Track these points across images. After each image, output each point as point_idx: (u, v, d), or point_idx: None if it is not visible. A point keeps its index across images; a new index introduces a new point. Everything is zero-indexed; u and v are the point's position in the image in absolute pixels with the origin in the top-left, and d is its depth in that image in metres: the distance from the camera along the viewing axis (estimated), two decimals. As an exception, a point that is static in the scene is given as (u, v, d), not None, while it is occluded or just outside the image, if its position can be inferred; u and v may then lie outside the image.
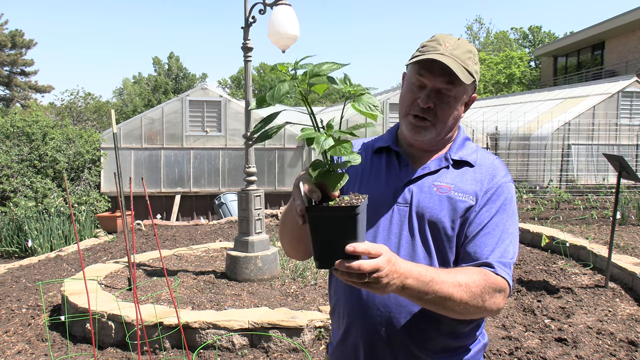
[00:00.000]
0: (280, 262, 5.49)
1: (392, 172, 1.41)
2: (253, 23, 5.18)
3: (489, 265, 1.27)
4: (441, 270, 1.21)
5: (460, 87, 1.33)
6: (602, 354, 3.50)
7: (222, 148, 10.83)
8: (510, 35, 38.11)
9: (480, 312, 1.24)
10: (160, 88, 39.84)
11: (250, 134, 1.14)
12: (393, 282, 1.08)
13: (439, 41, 1.34)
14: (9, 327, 4.21)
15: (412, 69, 1.37)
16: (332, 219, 1.02)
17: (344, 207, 1.02)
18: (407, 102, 1.38)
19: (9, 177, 8.97)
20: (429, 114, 1.35)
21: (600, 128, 12.24)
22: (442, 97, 1.34)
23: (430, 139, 1.38)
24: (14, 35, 29.78)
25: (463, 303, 1.19)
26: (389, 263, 1.06)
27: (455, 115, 1.38)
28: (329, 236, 1.02)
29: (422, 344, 1.32)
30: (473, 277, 1.22)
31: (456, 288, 1.18)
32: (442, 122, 1.36)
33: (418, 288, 1.14)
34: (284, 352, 3.63)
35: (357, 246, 1.01)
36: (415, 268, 1.15)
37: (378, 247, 1.06)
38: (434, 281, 1.15)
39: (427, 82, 1.33)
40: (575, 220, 8.43)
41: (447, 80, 1.31)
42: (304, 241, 1.37)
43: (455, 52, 1.31)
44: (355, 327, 1.36)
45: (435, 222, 1.32)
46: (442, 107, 1.34)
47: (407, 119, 1.38)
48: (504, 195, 1.35)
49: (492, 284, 1.24)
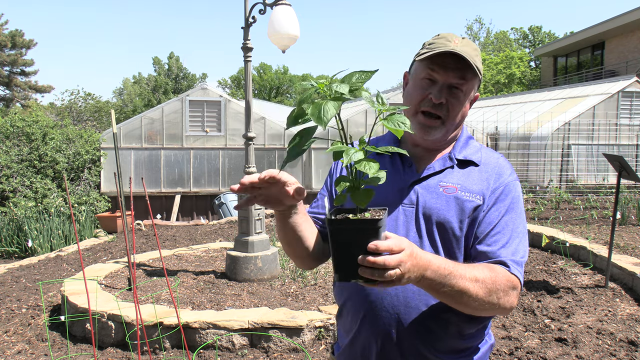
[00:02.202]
0: (280, 262, 5.50)
1: (396, 173, 1.40)
2: (253, 23, 5.18)
3: (504, 263, 1.27)
4: (460, 265, 1.21)
5: (471, 83, 1.34)
6: (602, 354, 3.49)
7: (222, 148, 10.83)
8: (510, 35, 38.11)
9: (494, 309, 1.24)
10: (160, 88, 39.84)
11: (287, 160, 1.12)
12: (414, 275, 1.08)
13: (447, 38, 1.34)
14: (9, 327, 4.21)
15: (421, 65, 1.36)
16: (355, 231, 1.02)
17: (368, 220, 1.02)
18: (416, 98, 1.36)
19: (9, 177, 8.97)
20: (441, 110, 1.34)
21: (600, 128, 12.24)
22: (454, 92, 1.34)
23: (439, 138, 1.38)
24: (14, 35, 29.77)
25: (479, 299, 1.19)
26: (411, 257, 1.06)
27: (463, 112, 1.38)
28: (351, 249, 1.02)
29: (432, 345, 1.32)
30: (490, 274, 1.22)
31: (473, 283, 1.18)
32: (452, 119, 1.36)
33: (436, 280, 1.13)
34: (284, 352, 3.63)
35: (379, 244, 1.01)
36: (435, 260, 1.15)
37: (400, 242, 1.05)
38: (452, 274, 1.15)
39: (439, 77, 1.33)
40: (575, 220, 8.43)
41: (459, 76, 1.32)
42: (293, 245, 1.36)
43: (465, 48, 1.32)
44: (365, 329, 1.35)
45: (443, 222, 1.31)
46: (453, 102, 1.34)
47: (417, 117, 1.37)
48: (511, 194, 1.35)
49: (507, 281, 1.24)
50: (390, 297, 1.32)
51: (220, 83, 48.17)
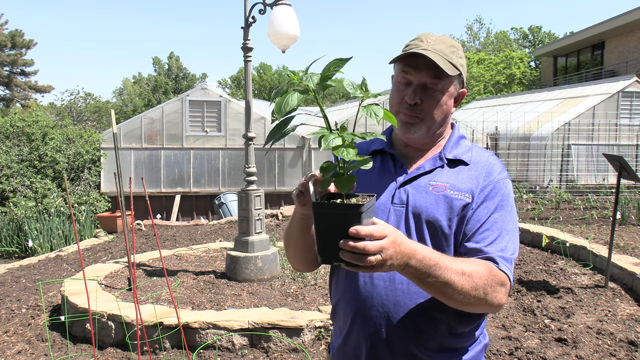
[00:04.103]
0: (280, 262, 5.50)
1: (387, 173, 1.42)
2: (253, 23, 5.18)
3: (492, 260, 1.27)
4: (447, 257, 1.21)
5: (447, 81, 1.35)
6: (602, 354, 3.50)
7: (222, 148, 10.83)
8: (510, 35, 38.09)
9: (481, 305, 1.24)
10: (160, 88, 39.84)
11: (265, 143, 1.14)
12: (397, 262, 1.09)
13: (421, 38, 1.36)
14: (9, 327, 4.21)
15: (397, 68, 1.39)
16: (337, 216, 1.04)
17: (350, 205, 1.04)
18: (395, 101, 1.40)
19: (9, 177, 8.97)
20: (417, 110, 1.36)
21: (600, 128, 12.24)
22: (429, 91, 1.35)
23: (421, 135, 1.39)
24: (14, 35, 29.76)
25: (464, 292, 1.19)
26: (394, 244, 1.07)
27: (444, 110, 1.38)
28: (334, 232, 1.04)
29: (422, 344, 1.32)
30: (477, 268, 1.22)
31: (459, 276, 1.18)
32: (430, 117, 1.37)
33: (420, 269, 1.14)
34: (284, 352, 3.63)
35: (360, 229, 1.02)
36: (421, 250, 1.15)
37: (382, 228, 1.06)
38: (438, 265, 1.16)
39: (413, 79, 1.35)
40: (575, 220, 8.43)
41: (432, 75, 1.33)
42: (307, 250, 1.38)
43: (438, 46, 1.33)
44: (356, 327, 1.36)
45: (432, 221, 1.32)
46: (429, 102, 1.35)
47: (398, 117, 1.39)
48: (501, 192, 1.35)
49: (495, 277, 1.24)
50: (380, 296, 1.32)
51: (220, 83, 48.18)
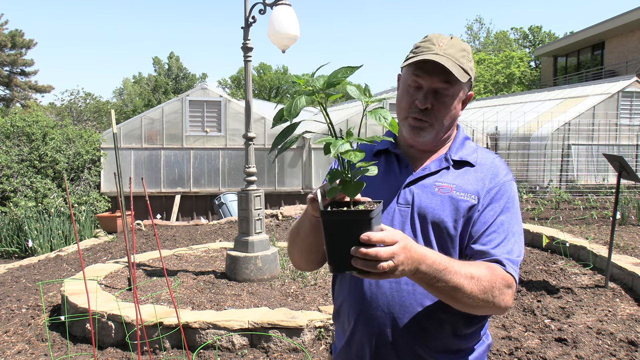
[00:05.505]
0: (280, 262, 5.50)
1: (392, 174, 1.41)
2: (253, 23, 5.18)
3: (499, 262, 1.27)
4: (456, 261, 1.21)
5: (457, 86, 1.34)
6: (602, 354, 3.49)
7: (222, 148, 10.84)
8: (510, 35, 38.09)
9: (488, 308, 1.24)
10: (160, 88, 39.83)
11: (271, 150, 1.14)
12: (408, 268, 1.09)
13: (432, 41, 1.34)
14: (9, 327, 4.21)
15: (408, 70, 1.37)
16: (347, 222, 1.04)
17: (359, 211, 1.05)
18: (405, 104, 1.38)
19: (9, 177, 8.97)
20: (428, 115, 1.35)
21: (600, 128, 12.24)
22: (440, 96, 1.34)
23: (430, 139, 1.39)
24: (14, 35, 29.77)
25: (473, 296, 1.19)
26: (405, 249, 1.07)
27: (453, 114, 1.38)
28: (344, 240, 1.04)
29: (427, 345, 1.32)
30: (485, 272, 1.22)
31: (468, 280, 1.18)
32: (440, 122, 1.37)
33: (430, 274, 1.14)
34: (284, 352, 3.63)
35: (371, 235, 1.01)
36: (430, 254, 1.15)
37: (393, 234, 1.06)
38: (447, 270, 1.16)
39: (424, 83, 1.34)
40: (575, 220, 8.43)
41: (443, 80, 1.32)
42: (315, 250, 1.38)
43: (450, 50, 1.32)
44: (360, 329, 1.36)
45: (438, 222, 1.32)
46: (439, 107, 1.35)
47: (407, 121, 1.38)
48: (507, 194, 1.36)
49: (503, 280, 1.24)
50: (385, 297, 1.32)
51: (220, 83, 48.15)
